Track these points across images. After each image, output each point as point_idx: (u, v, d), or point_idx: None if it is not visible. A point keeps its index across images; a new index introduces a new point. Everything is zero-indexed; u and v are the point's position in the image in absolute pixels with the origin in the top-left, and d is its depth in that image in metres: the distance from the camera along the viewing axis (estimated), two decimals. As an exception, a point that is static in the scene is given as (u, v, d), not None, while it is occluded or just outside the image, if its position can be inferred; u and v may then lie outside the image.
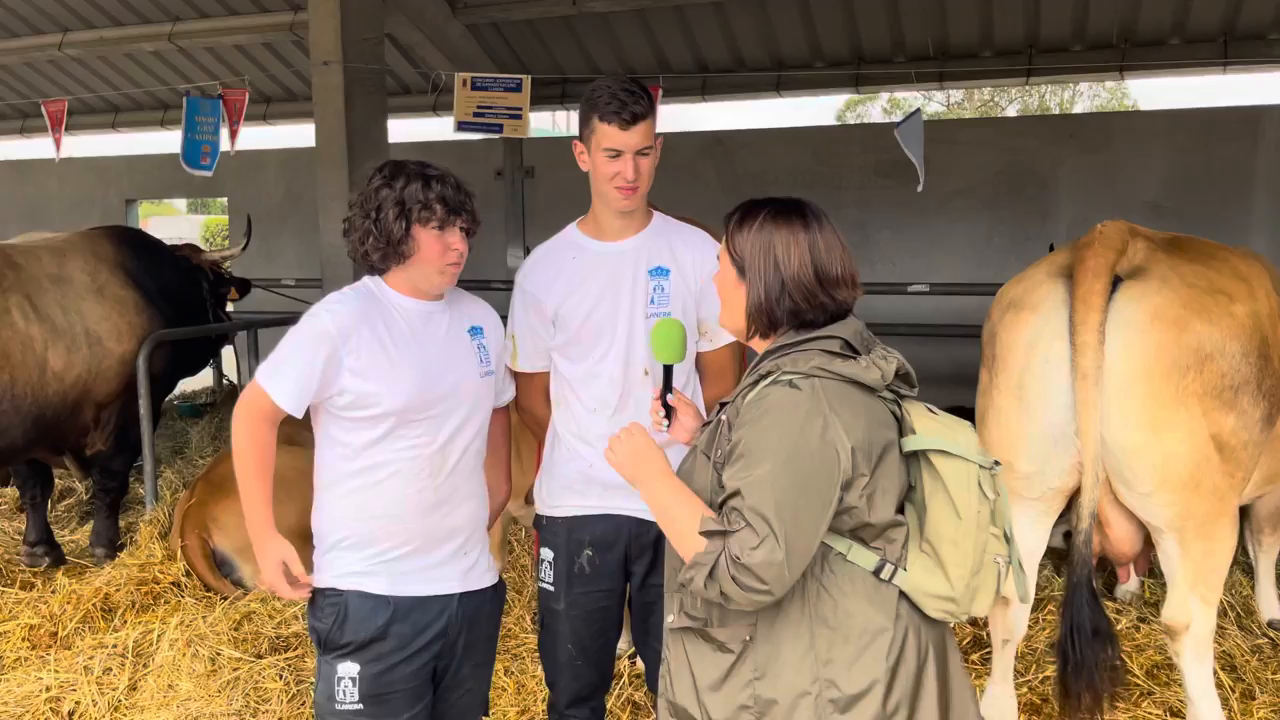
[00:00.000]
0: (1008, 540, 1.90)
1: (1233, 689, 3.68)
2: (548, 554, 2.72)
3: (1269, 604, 4.28)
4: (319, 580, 2.41)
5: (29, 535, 5.31)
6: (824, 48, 8.21)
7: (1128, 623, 4.19)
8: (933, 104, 25.05)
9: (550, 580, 2.71)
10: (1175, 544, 3.08)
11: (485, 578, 2.57)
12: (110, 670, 3.95)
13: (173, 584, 4.62)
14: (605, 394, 2.63)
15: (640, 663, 3.75)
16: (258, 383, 2.32)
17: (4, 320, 4.70)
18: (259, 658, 3.98)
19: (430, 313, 2.47)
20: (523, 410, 2.85)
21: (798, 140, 9.10)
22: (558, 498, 2.71)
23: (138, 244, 5.65)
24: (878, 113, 27.55)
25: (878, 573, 1.83)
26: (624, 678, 3.74)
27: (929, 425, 1.89)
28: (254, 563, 4.58)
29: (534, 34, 8.51)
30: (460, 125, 6.46)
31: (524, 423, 2.91)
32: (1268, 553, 4.25)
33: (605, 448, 2.53)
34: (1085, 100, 26.93)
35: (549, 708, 2.86)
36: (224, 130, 7.01)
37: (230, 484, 4.63)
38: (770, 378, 1.83)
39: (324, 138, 6.27)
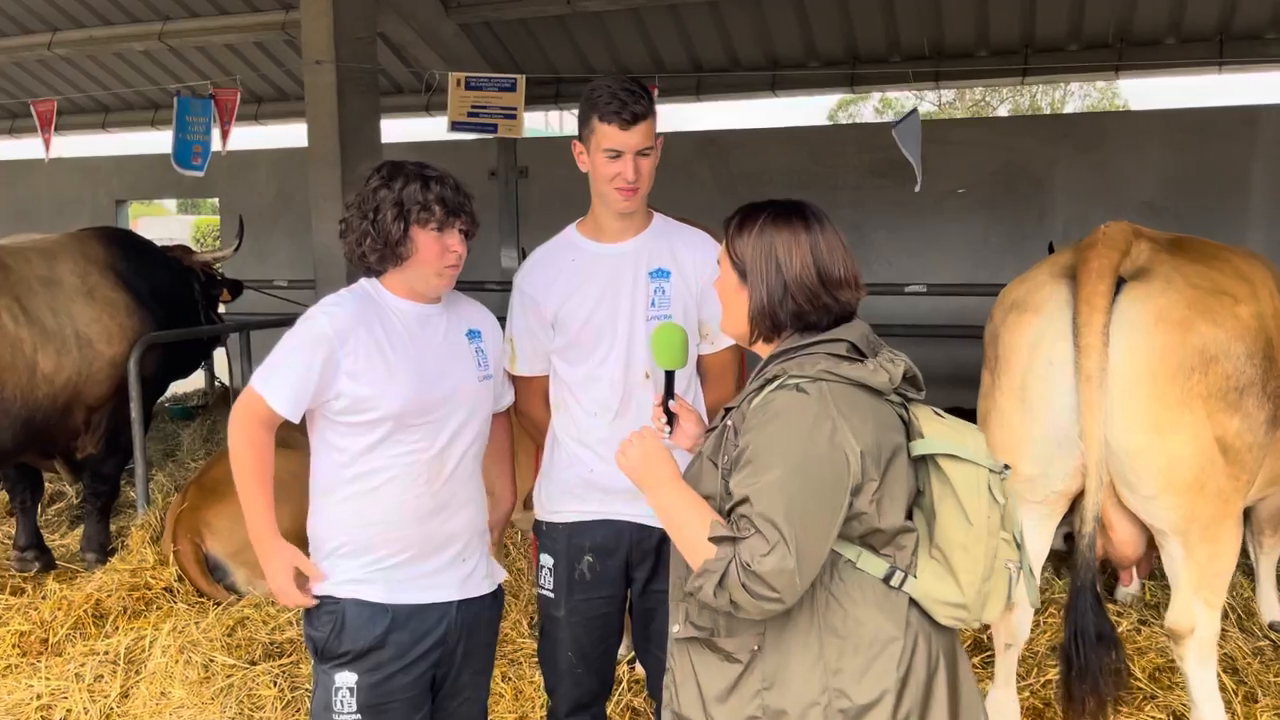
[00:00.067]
0: (1018, 545, 1.88)
1: (1235, 692, 3.65)
2: (547, 560, 2.68)
3: (1270, 606, 4.26)
4: (316, 588, 2.37)
5: (19, 540, 5.26)
6: (819, 47, 8.19)
7: (1129, 625, 4.17)
8: (924, 104, 25.05)
9: (550, 587, 2.67)
10: (1179, 547, 3.06)
11: (484, 584, 2.54)
12: (102, 677, 3.90)
13: (165, 589, 4.57)
14: (606, 398, 2.59)
15: (640, 668, 3.71)
16: (253, 388, 2.28)
17: (-7, 323, 4.65)
18: (253, 664, 3.94)
19: (428, 316, 2.43)
20: (521, 414, 2.81)
21: (793, 140, 9.08)
22: (557, 503, 2.67)
23: (128, 245, 5.61)
24: (869, 113, 27.58)
25: (887, 580, 1.81)
26: (623, 684, 3.70)
27: (937, 429, 1.87)
28: (247, 567, 4.56)
29: (528, 33, 8.47)
30: (454, 125, 6.42)
31: (522, 427, 2.87)
32: (1268, 554, 4.23)
33: (612, 452, 2.51)
34: (1076, 100, 26.97)
35: (548, 715, 2.82)
36: (215, 130, 6.95)
37: (223, 488, 4.64)
38: (776, 382, 1.81)
39: (317, 138, 6.24)
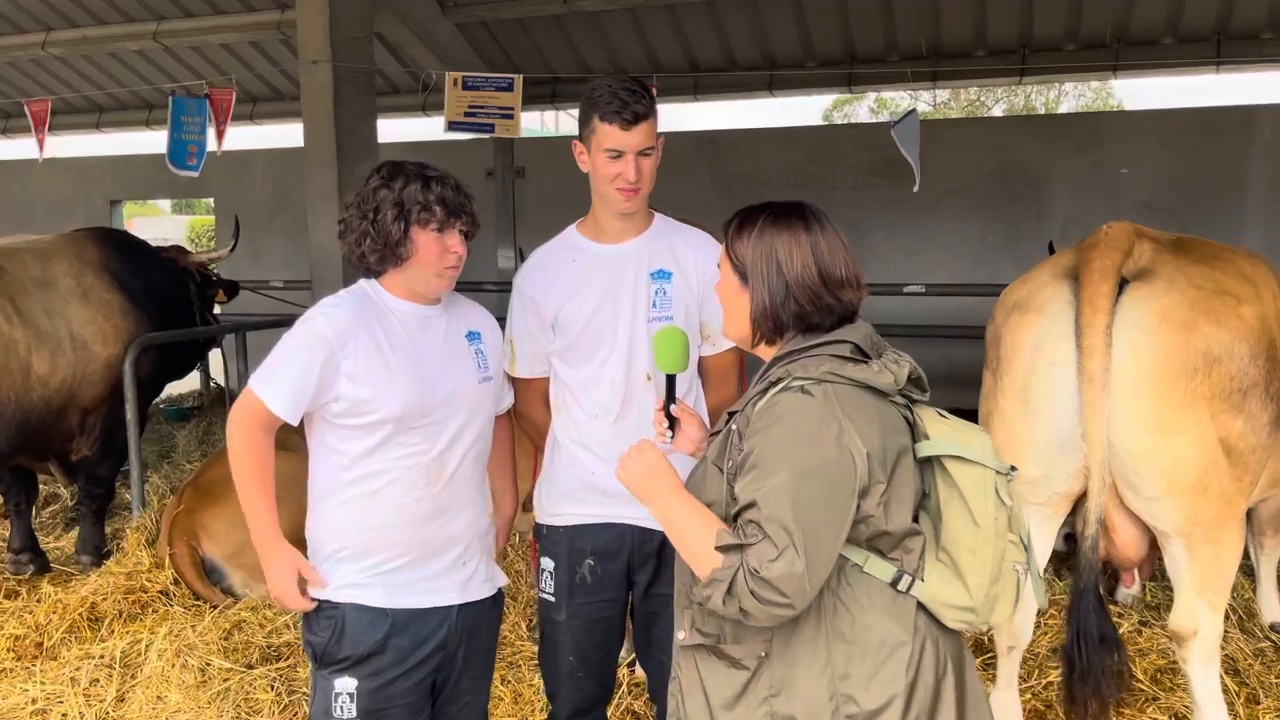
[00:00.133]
0: (1025, 547, 1.86)
1: (1237, 694, 3.64)
2: (548, 563, 2.66)
3: (1270, 607, 4.25)
4: (315, 593, 2.35)
5: (13, 542, 5.22)
6: (816, 47, 8.17)
7: (1129, 627, 4.16)
8: (920, 104, 25.02)
9: (551, 590, 2.65)
10: (1183, 549, 3.05)
11: (484, 588, 2.52)
12: (97, 681, 3.88)
13: (161, 592, 4.54)
14: (607, 400, 2.57)
15: (640, 671, 3.69)
16: (251, 390, 2.26)
17: (-13, 324, 4.62)
18: (250, 668, 3.91)
19: (428, 317, 2.41)
20: (521, 417, 2.79)
21: (790, 140, 9.06)
22: (558, 506, 2.65)
23: (123, 246, 5.58)
24: (865, 113, 27.55)
25: (895, 584, 1.79)
26: (623, 686, 3.68)
27: (942, 430, 1.85)
28: (244, 570, 4.53)
29: (524, 33, 8.45)
30: (451, 125, 6.39)
31: (522, 429, 2.85)
32: (1269, 555, 4.22)
33: (614, 454, 2.49)
34: (1071, 100, 26.97)
35: (549, 719, 2.80)
36: (211, 130, 6.92)
37: (219, 490, 4.61)
38: (781, 384, 1.79)
39: (313, 137, 6.22)
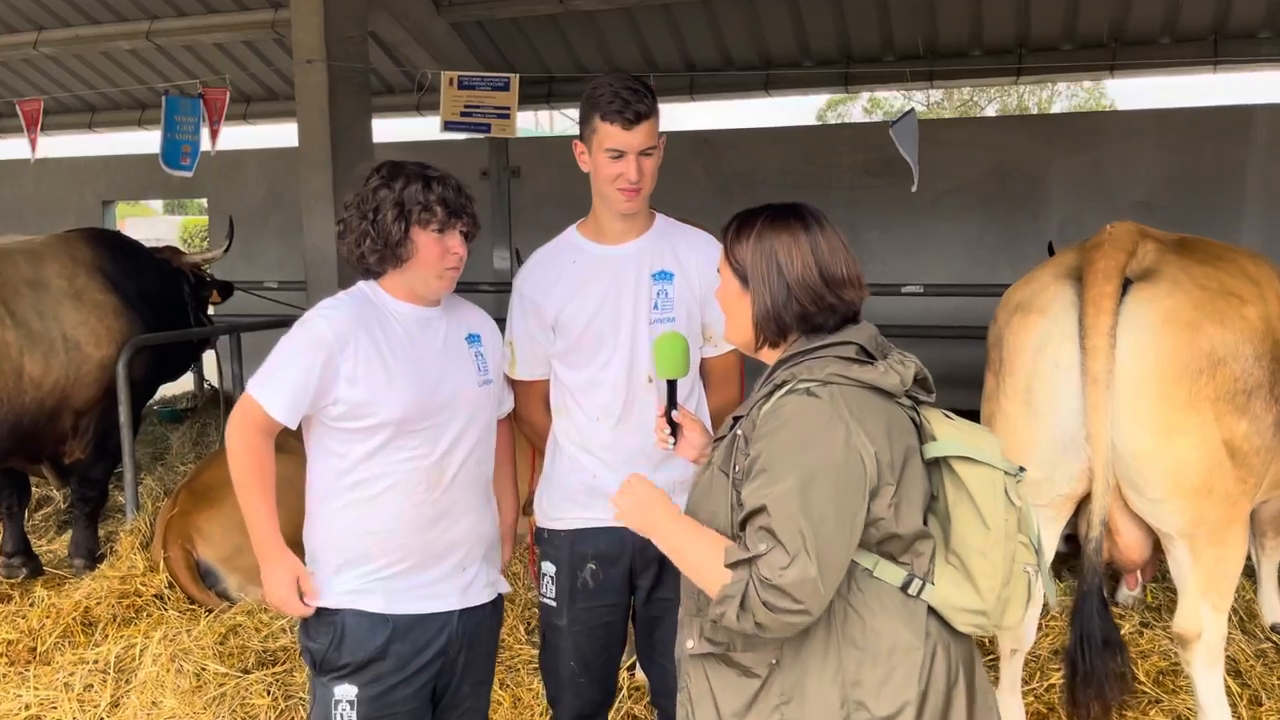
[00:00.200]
0: (1035, 549, 1.84)
1: (1240, 696, 3.63)
2: (549, 568, 2.63)
3: (1272, 608, 4.24)
4: (314, 601, 2.31)
5: (5, 546, 5.18)
6: (813, 47, 8.16)
7: (1130, 628, 4.14)
8: (912, 103, 24.98)
9: (552, 595, 2.62)
10: (1187, 551, 3.03)
11: (485, 593, 2.50)
12: (92, 687, 3.84)
13: (155, 596, 4.50)
14: (608, 402, 2.54)
15: (640, 674, 3.67)
16: (250, 395, 2.23)
17: (-21, 326, 4.58)
18: (246, 673, 3.88)
19: (428, 319, 2.39)
20: (521, 420, 2.75)
21: (786, 140, 9.04)
22: (559, 510, 2.62)
23: (116, 246, 5.53)
24: (858, 112, 27.55)
25: (905, 588, 1.76)
26: (623, 690, 3.65)
27: (949, 431, 1.83)
28: (239, 573, 4.49)
29: (520, 32, 8.42)
30: (447, 125, 6.35)
31: (522, 432, 2.81)
32: (1270, 556, 4.20)
33: (615, 458, 2.50)
34: (1063, 100, 26.99)
35: (550, 725, 2.77)
36: (204, 130, 6.87)
37: (214, 492, 4.57)
38: (786, 387, 1.77)
39: (307, 137, 6.18)
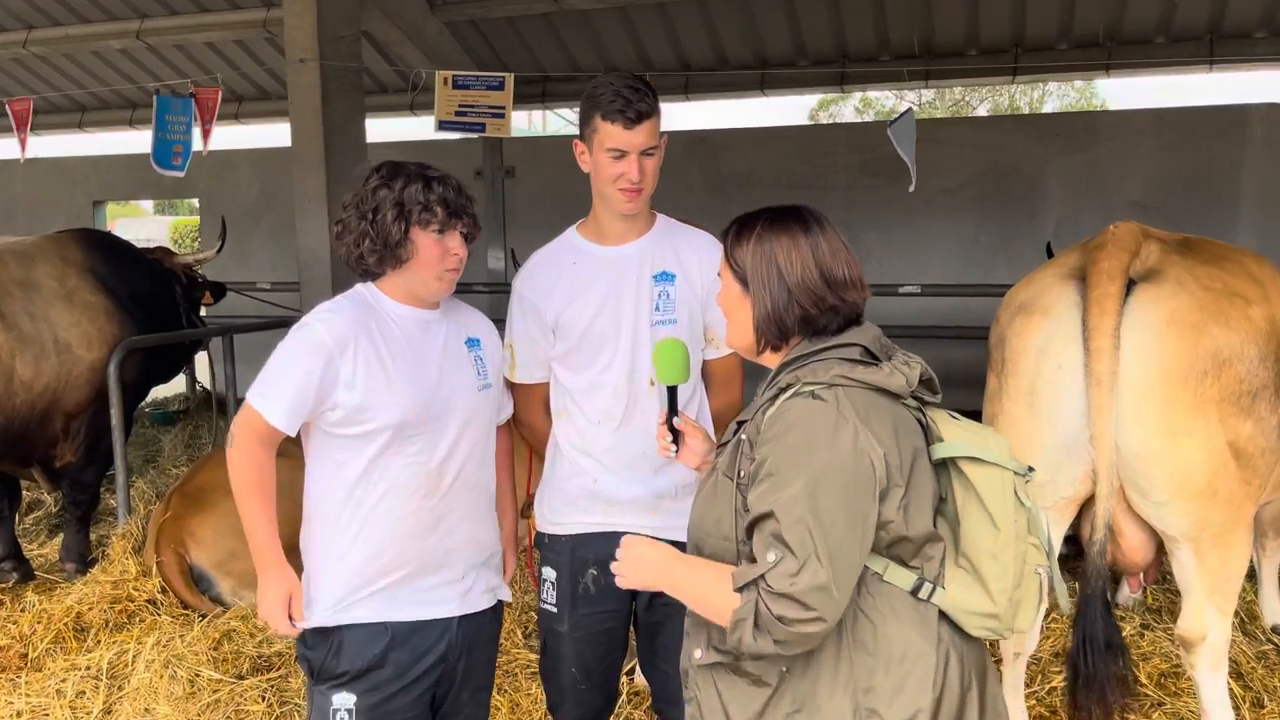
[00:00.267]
0: (1046, 550, 1.81)
1: (1242, 698, 3.62)
2: (550, 573, 2.60)
3: (1273, 609, 4.22)
4: (309, 620, 2.28)
5: (-4, 550, 5.12)
6: (808, 46, 8.13)
7: (1131, 630, 4.13)
8: (906, 103, 24.96)
9: (553, 601, 2.59)
10: (1191, 553, 3.01)
11: (484, 599, 2.46)
12: (84, 693, 3.79)
13: (148, 601, 4.45)
14: (609, 406, 2.51)
15: (640, 679, 3.63)
16: (250, 404, 2.19)
17: (-32, 328, 4.52)
18: (240, 679, 3.84)
19: (427, 322, 2.35)
20: (520, 424, 2.71)
21: (782, 140, 9.01)
22: (560, 514, 2.58)
23: (108, 247, 5.48)
24: (850, 112, 27.54)
25: (916, 592, 1.74)
26: (623, 695, 3.61)
27: (956, 432, 1.80)
28: (233, 578, 4.45)
29: (514, 32, 8.38)
30: (442, 125, 6.30)
31: (522, 436, 2.77)
32: (1271, 558, 4.19)
33: (617, 461, 2.48)
34: (1055, 100, 27.02)
35: (550, 732, 2.74)
36: (196, 130, 6.81)
37: (207, 496, 4.53)
38: (790, 390, 1.74)
39: (300, 137, 6.13)
